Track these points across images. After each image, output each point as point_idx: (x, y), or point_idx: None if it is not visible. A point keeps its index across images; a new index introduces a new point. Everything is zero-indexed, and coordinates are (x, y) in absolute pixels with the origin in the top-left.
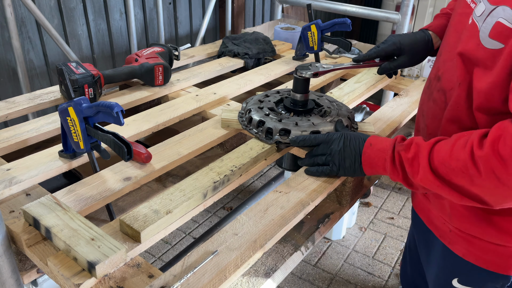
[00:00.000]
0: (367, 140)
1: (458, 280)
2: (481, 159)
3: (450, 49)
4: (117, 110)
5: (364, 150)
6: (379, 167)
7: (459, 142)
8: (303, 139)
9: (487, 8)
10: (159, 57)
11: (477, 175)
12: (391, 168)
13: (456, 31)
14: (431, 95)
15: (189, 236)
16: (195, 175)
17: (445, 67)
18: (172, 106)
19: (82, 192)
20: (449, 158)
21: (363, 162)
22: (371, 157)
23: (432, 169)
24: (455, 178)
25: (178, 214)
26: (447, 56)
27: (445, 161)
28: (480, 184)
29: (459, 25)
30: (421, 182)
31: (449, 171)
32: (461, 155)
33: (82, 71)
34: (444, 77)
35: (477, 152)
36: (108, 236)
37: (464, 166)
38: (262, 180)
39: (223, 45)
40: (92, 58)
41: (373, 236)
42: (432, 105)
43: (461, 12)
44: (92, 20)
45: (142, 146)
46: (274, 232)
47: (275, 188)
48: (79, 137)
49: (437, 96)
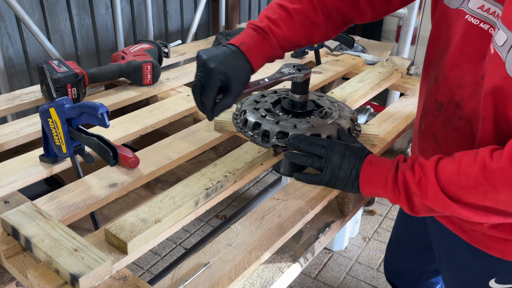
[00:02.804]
0: (366, 158)
1: (495, 280)
2: (497, 172)
3: (464, 73)
4: (102, 111)
5: (363, 168)
6: (378, 187)
7: (466, 158)
8: (303, 138)
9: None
10: (148, 54)
11: (492, 190)
12: (393, 188)
13: (466, 54)
14: (449, 121)
15: (180, 246)
16: (186, 181)
17: (464, 94)
18: (161, 107)
19: (65, 199)
20: (458, 175)
21: (361, 180)
22: (370, 176)
23: (441, 187)
24: (464, 196)
25: (167, 223)
26: (462, 81)
27: (453, 180)
28: (499, 200)
29: (465, 47)
30: (431, 204)
31: (459, 189)
32: (472, 172)
33: (65, 70)
34: (466, 104)
35: (492, 165)
36: (92, 246)
37: (475, 183)
38: (258, 187)
39: (216, 42)
40: (75, 55)
41: (378, 247)
42: (452, 133)
43: (464, 33)
44: (76, 14)
45: (129, 150)
46: (271, 243)
47: (272, 195)
48: (62, 140)
49: (459, 124)
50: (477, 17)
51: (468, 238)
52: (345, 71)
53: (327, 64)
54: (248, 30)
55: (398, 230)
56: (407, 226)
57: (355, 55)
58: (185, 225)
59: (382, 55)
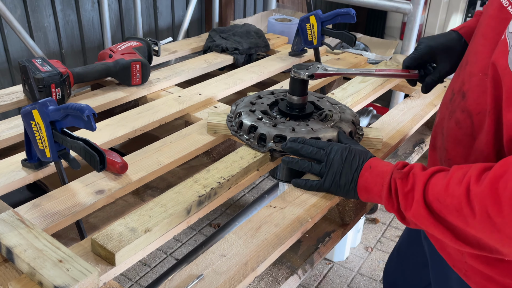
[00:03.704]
0: (367, 162)
1: None
2: (476, 197)
3: (477, 60)
4: (88, 113)
5: (362, 172)
6: (375, 194)
7: (456, 175)
8: (302, 141)
9: None
10: (137, 52)
11: (471, 215)
12: (387, 197)
13: (485, 38)
14: (453, 113)
15: (171, 257)
16: (177, 188)
17: (471, 83)
18: (151, 109)
19: (49, 207)
20: (445, 193)
21: (359, 185)
22: (368, 181)
23: (426, 203)
24: (449, 216)
25: (158, 232)
26: (474, 68)
27: (440, 197)
28: (475, 227)
29: (488, 30)
30: (413, 217)
31: (443, 207)
32: (457, 191)
33: (49, 69)
34: (470, 95)
35: (474, 188)
36: (78, 257)
37: (458, 204)
38: (254, 194)
39: (210, 39)
40: (60, 53)
41: (381, 257)
42: (453, 127)
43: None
44: (60, 10)
45: (117, 154)
46: (267, 253)
47: (269, 202)
48: (45, 144)
49: (461, 117)
50: None
51: (451, 262)
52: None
53: (327, 63)
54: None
55: (402, 241)
56: (410, 238)
57: (357, 54)
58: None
59: (386, 54)
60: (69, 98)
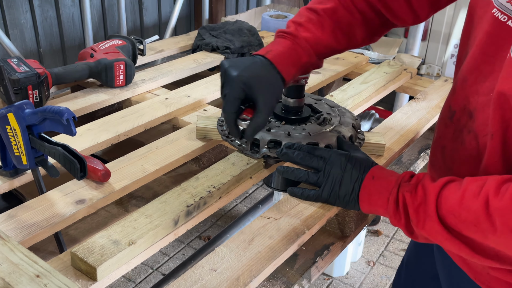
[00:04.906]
0: (369, 171)
1: None
2: (497, 211)
3: (484, 79)
4: (68, 116)
5: (364, 183)
6: (379, 207)
7: (471, 188)
8: (298, 147)
9: None
10: (120, 51)
11: (491, 230)
12: (393, 211)
13: (488, 56)
14: (459, 133)
15: (157, 272)
16: (164, 197)
17: (479, 102)
18: (135, 112)
19: (25, 218)
20: (459, 207)
21: (360, 196)
22: (371, 193)
23: (440, 218)
24: (465, 230)
25: (143, 245)
26: (479, 87)
27: (454, 211)
28: (496, 241)
29: (491, 48)
30: (426, 233)
31: (459, 222)
32: (473, 205)
33: (25, 69)
34: (478, 116)
35: (494, 202)
36: (56, 272)
37: (476, 219)
38: (246, 203)
39: (199, 37)
40: (37, 53)
41: (384, 272)
42: (459, 148)
43: (490, 31)
44: (38, 6)
45: (99, 161)
46: (261, 268)
47: (263, 213)
48: (21, 150)
49: (467, 139)
50: (505, 13)
51: (472, 274)
52: (346, 71)
53: (325, 63)
54: (275, 39)
55: (410, 253)
56: (419, 249)
57: (357, 53)
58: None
59: (389, 53)
60: (48, 100)
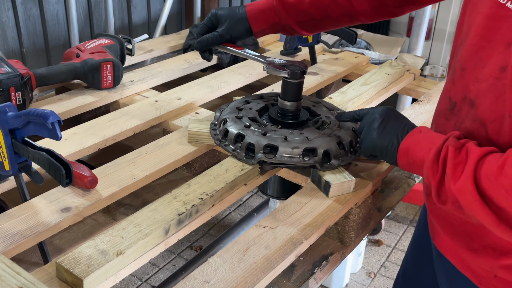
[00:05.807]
0: (418, 127)
1: None
2: None
3: (484, 65)
4: (53, 120)
5: (411, 133)
6: (417, 157)
7: None
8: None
9: None
10: (108, 51)
11: None
12: (432, 162)
13: (489, 41)
14: (461, 123)
15: (147, 284)
16: (154, 205)
17: (480, 89)
18: (124, 115)
19: (8, 226)
20: (498, 171)
21: (401, 147)
22: (413, 143)
23: (476, 179)
24: (497, 197)
25: (132, 255)
26: (480, 73)
27: (491, 174)
28: None
29: (491, 32)
30: (457, 191)
31: (493, 187)
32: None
33: (7, 70)
34: (481, 103)
35: None
36: (41, 284)
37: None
38: (241, 212)
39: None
40: (20, 52)
41: (385, 284)
42: None
43: (490, 14)
44: (21, 3)
45: (86, 167)
46: (256, 279)
47: (258, 222)
48: (4, 155)
49: (472, 127)
50: None
51: (477, 279)
52: (346, 71)
53: (324, 63)
54: None
55: (407, 264)
56: (416, 259)
57: (358, 53)
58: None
59: (391, 53)
60: (31, 103)
